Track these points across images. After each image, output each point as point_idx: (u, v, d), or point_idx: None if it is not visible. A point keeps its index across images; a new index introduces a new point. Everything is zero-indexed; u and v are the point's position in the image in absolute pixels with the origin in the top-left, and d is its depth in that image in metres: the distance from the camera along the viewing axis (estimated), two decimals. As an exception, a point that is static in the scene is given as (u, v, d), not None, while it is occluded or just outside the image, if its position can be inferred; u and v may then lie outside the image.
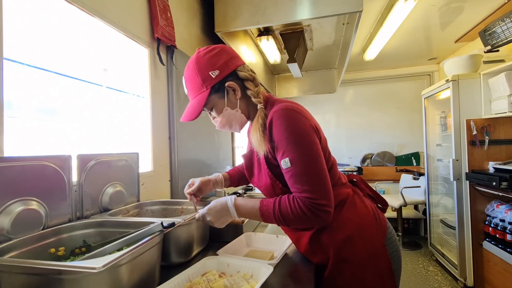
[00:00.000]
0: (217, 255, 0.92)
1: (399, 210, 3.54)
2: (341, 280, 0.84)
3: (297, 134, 0.77)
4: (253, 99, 0.88)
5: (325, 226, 0.83)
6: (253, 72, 0.92)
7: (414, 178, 3.87)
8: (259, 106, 0.86)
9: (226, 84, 0.86)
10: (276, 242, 1.08)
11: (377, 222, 0.88)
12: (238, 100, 0.89)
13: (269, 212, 0.80)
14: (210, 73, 0.83)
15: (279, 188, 0.86)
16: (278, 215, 0.78)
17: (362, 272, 0.82)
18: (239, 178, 1.18)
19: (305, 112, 0.84)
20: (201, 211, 0.88)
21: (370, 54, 3.55)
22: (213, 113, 0.91)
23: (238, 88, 0.87)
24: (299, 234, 0.94)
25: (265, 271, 0.78)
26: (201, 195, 1.06)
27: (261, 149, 0.82)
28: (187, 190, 1.03)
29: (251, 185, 2.43)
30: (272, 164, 0.85)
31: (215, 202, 0.88)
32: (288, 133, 0.77)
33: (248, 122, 0.98)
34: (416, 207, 4.01)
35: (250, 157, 0.98)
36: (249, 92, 0.88)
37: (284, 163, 0.77)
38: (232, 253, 0.99)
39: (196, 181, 1.05)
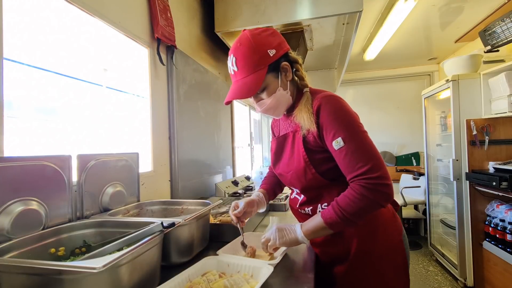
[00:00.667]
0: (217, 255, 0.92)
1: (399, 210, 3.54)
2: (360, 272, 0.86)
3: (347, 116, 0.80)
4: (300, 82, 0.91)
5: (389, 201, 0.80)
6: None
7: (414, 178, 3.87)
8: (305, 89, 0.89)
9: (281, 64, 0.86)
10: None
11: (395, 219, 0.93)
12: (288, 83, 0.90)
13: (331, 214, 0.78)
14: (268, 51, 0.83)
15: (311, 173, 0.86)
16: (341, 212, 0.76)
17: (381, 265, 0.86)
18: (274, 188, 1.18)
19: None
20: (269, 235, 0.89)
21: (370, 54, 3.55)
22: (262, 95, 0.88)
23: (290, 69, 0.89)
24: None
25: (265, 271, 0.78)
26: (246, 219, 1.05)
27: (311, 126, 0.82)
28: (233, 212, 1.00)
29: (251, 185, 2.44)
30: (309, 149, 0.86)
31: (283, 225, 0.89)
32: (339, 115, 0.80)
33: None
34: (416, 207, 4.01)
35: (282, 141, 0.98)
36: (298, 74, 0.90)
37: (337, 143, 0.78)
38: (232, 253, 0.98)
39: (241, 204, 1.02)
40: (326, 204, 0.89)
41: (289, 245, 0.88)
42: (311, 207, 0.94)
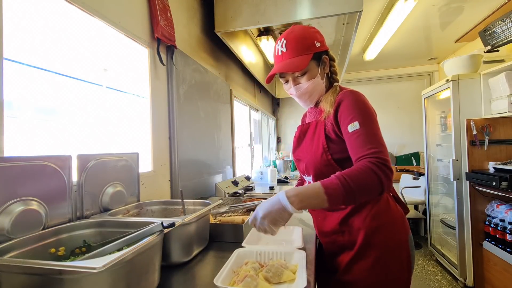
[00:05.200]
0: (244, 247, 0.94)
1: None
2: (363, 264, 0.88)
3: (366, 107, 0.87)
4: (334, 77, 1.02)
5: (389, 185, 0.78)
6: None
7: (414, 178, 3.87)
8: (336, 83, 1.00)
9: (323, 57, 0.98)
10: (284, 232, 1.15)
11: (403, 220, 0.96)
12: (325, 75, 1.01)
13: (333, 183, 0.75)
14: (315, 42, 0.95)
15: (327, 159, 0.92)
16: (346, 181, 0.74)
17: (386, 258, 0.88)
18: None
19: None
20: (252, 215, 0.83)
21: (370, 54, 3.55)
22: (302, 78, 0.97)
23: (328, 64, 1.00)
24: (328, 213, 0.99)
25: (298, 255, 0.86)
26: None
27: (330, 108, 0.92)
28: None
29: (251, 185, 2.44)
30: (328, 137, 0.93)
31: (266, 202, 0.82)
32: (358, 104, 0.87)
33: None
34: (416, 207, 4.01)
35: (305, 129, 1.05)
36: (333, 70, 1.02)
37: (352, 126, 0.83)
38: (255, 243, 1.04)
39: None
40: None
41: (284, 224, 0.80)
42: None
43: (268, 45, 2.79)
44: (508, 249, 2.00)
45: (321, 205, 0.76)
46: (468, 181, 2.41)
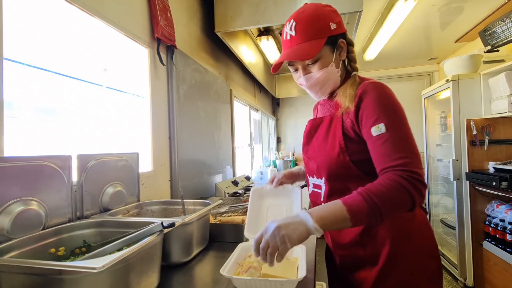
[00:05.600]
0: (248, 240, 0.93)
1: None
2: (392, 279, 0.77)
3: (393, 104, 0.74)
4: (351, 64, 0.88)
5: (421, 202, 0.70)
6: None
7: (414, 178, 3.86)
8: (354, 72, 0.86)
9: (339, 40, 0.83)
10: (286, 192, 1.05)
11: (428, 224, 0.86)
12: (340, 62, 0.87)
13: (357, 201, 0.64)
14: (330, 23, 0.80)
15: (345, 160, 0.78)
16: (371, 199, 0.63)
17: (416, 272, 0.78)
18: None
19: None
20: (268, 238, 0.64)
21: (370, 54, 3.55)
22: (313, 67, 0.83)
23: (345, 49, 0.86)
24: None
25: (298, 249, 0.84)
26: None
27: (350, 105, 0.78)
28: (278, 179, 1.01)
29: (251, 185, 2.43)
30: (346, 136, 0.80)
31: (285, 218, 0.67)
32: (384, 102, 0.74)
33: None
34: (416, 207, 4.00)
35: (317, 124, 0.91)
36: (351, 56, 0.87)
37: (377, 129, 0.71)
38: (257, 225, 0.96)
39: (279, 175, 1.02)
40: None
41: (298, 244, 0.65)
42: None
43: (268, 45, 2.79)
44: (508, 249, 2.00)
45: (343, 224, 0.65)
46: (468, 181, 2.41)
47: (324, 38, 0.79)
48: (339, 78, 0.88)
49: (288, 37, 0.83)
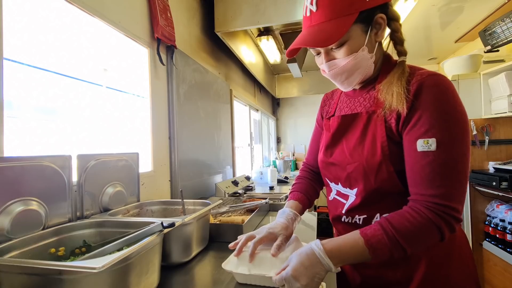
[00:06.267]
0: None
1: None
2: None
3: (455, 111, 0.57)
4: (399, 47, 0.68)
5: (446, 238, 0.60)
6: None
7: (414, 178, 3.86)
8: (401, 58, 0.66)
9: (376, 16, 0.64)
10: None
11: (467, 241, 0.73)
12: (377, 44, 0.68)
13: (378, 232, 0.56)
14: None
15: (387, 171, 0.63)
16: (396, 239, 0.55)
17: None
18: (310, 193, 0.91)
19: None
20: (283, 275, 0.58)
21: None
22: (338, 52, 0.66)
23: (385, 27, 0.66)
24: None
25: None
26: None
27: (399, 106, 0.60)
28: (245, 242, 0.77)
29: (251, 185, 2.43)
30: (390, 138, 0.63)
31: (297, 257, 0.60)
32: (444, 107, 0.57)
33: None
34: (416, 207, 4.00)
35: (348, 122, 0.73)
36: (396, 36, 0.67)
37: (425, 144, 0.57)
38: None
39: (258, 237, 0.75)
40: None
41: (310, 269, 0.57)
42: (365, 216, 0.70)
43: (268, 45, 2.79)
44: (508, 249, 2.00)
45: (363, 260, 0.59)
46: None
47: (355, 14, 0.61)
48: (372, 65, 0.69)
49: (308, 13, 0.66)
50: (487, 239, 2.25)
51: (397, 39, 0.68)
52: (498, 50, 2.35)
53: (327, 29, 0.62)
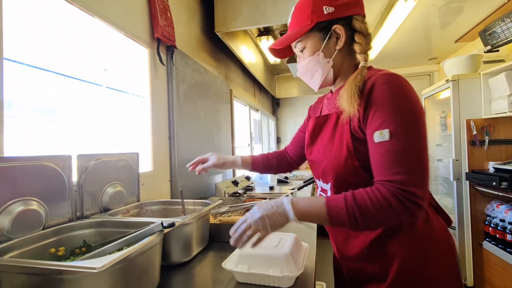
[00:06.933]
0: None
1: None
2: None
3: (408, 104, 0.63)
4: (357, 55, 0.74)
5: (412, 223, 0.68)
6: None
7: (414, 178, 3.86)
8: (362, 63, 0.73)
9: (333, 27, 0.74)
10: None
11: (449, 237, 0.75)
12: (336, 51, 0.76)
13: (339, 207, 0.61)
14: (324, 7, 0.73)
15: (353, 165, 0.69)
16: (353, 209, 0.60)
17: None
18: (265, 165, 1.12)
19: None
20: (251, 211, 0.69)
21: (370, 54, 3.54)
22: (302, 54, 0.80)
23: (344, 38, 0.74)
24: (350, 233, 0.77)
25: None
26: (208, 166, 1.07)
27: (351, 108, 0.67)
28: (199, 167, 1.06)
29: (251, 184, 2.43)
30: (355, 137, 0.69)
31: (265, 201, 0.71)
32: (396, 100, 0.62)
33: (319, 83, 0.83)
34: (416, 207, 4.00)
35: (322, 123, 0.82)
36: (356, 47, 0.74)
37: (380, 135, 0.62)
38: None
39: (212, 159, 1.06)
40: None
41: (276, 230, 0.67)
42: None
43: (268, 45, 2.79)
44: (508, 249, 2.00)
45: (321, 223, 0.67)
46: (468, 181, 2.41)
47: (311, 24, 0.73)
48: (331, 70, 0.77)
49: (288, 24, 0.82)
50: (487, 239, 2.25)
51: (357, 49, 0.75)
52: (498, 50, 2.35)
53: (288, 35, 0.78)
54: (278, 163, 1.13)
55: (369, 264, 0.74)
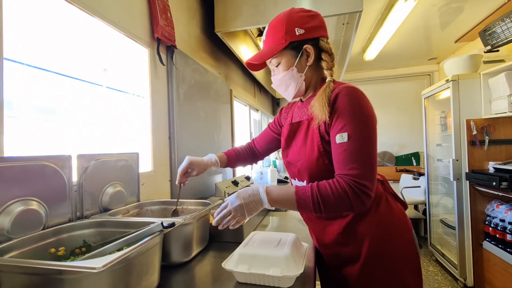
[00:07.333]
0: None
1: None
2: (375, 274, 0.82)
3: (363, 112, 0.77)
4: (325, 71, 0.87)
5: (362, 212, 0.82)
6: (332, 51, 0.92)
7: (414, 178, 3.87)
8: (328, 78, 0.85)
9: (305, 46, 0.86)
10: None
11: (406, 218, 0.91)
12: (307, 67, 0.89)
13: (306, 196, 0.75)
14: (296, 29, 0.85)
15: (324, 164, 0.83)
16: (317, 197, 0.74)
17: (398, 267, 0.83)
18: (238, 158, 1.19)
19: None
20: (230, 197, 0.82)
21: (370, 54, 3.55)
22: (277, 68, 0.91)
23: (313, 56, 0.87)
24: (326, 222, 0.90)
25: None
26: (193, 175, 1.10)
27: (323, 115, 0.79)
28: (184, 179, 1.10)
29: (251, 184, 2.43)
30: (324, 139, 0.82)
31: (244, 189, 0.82)
32: (354, 109, 0.76)
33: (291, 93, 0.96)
34: (416, 207, 4.01)
35: (295, 128, 0.95)
36: (323, 64, 0.88)
37: (340, 137, 0.75)
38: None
39: (185, 161, 1.08)
40: None
41: (252, 215, 0.81)
42: None
43: (268, 45, 2.79)
44: (508, 249, 2.00)
45: (292, 209, 0.80)
46: (468, 181, 2.41)
47: (285, 43, 0.85)
48: (303, 82, 0.90)
49: (262, 42, 0.93)
50: (487, 239, 2.25)
51: (324, 65, 0.88)
52: (498, 50, 2.35)
53: (264, 51, 0.88)
54: (248, 156, 1.23)
55: (344, 247, 0.87)
